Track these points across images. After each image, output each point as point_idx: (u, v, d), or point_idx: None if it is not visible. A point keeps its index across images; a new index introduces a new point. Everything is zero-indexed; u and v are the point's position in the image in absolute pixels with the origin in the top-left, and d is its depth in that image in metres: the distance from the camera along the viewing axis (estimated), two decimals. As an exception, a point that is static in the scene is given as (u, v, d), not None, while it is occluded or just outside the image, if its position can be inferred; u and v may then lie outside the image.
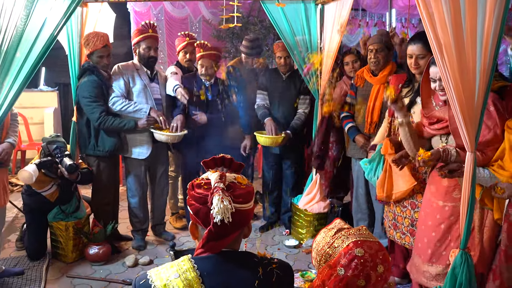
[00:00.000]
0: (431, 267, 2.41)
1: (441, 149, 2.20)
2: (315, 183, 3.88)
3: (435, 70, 2.20)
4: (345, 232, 1.39)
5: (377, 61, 3.28)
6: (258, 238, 4.09)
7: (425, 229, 2.46)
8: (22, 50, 2.11)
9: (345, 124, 3.53)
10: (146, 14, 7.56)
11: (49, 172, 3.34)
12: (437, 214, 2.40)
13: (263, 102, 3.98)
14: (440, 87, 2.23)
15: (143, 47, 3.55)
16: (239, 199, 1.35)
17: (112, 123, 3.43)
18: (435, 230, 2.40)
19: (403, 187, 2.68)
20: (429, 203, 2.46)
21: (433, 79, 2.27)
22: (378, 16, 9.92)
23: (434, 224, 2.41)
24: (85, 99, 3.44)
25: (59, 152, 3.34)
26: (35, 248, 3.45)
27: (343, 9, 3.36)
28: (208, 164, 1.47)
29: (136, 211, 3.80)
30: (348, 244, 1.34)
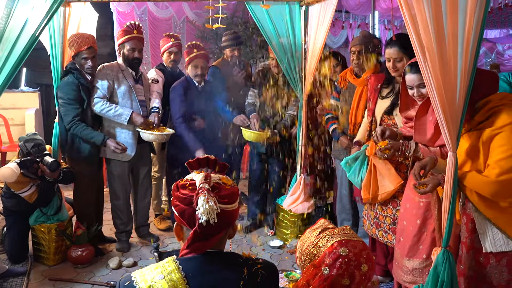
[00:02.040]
0: (408, 261, 2.46)
1: (401, 142, 2.34)
2: (299, 183, 3.89)
3: (411, 77, 2.25)
4: (330, 232, 1.41)
5: (359, 63, 3.31)
6: (242, 238, 4.09)
7: (406, 224, 2.51)
8: (3, 50, 2.07)
9: (329, 125, 3.56)
10: (129, 14, 7.50)
11: (29, 172, 3.28)
12: (413, 210, 2.47)
13: (253, 100, 3.99)
14: (418, 93, 2.28)
15: (127, 48, 3.51)
16: (225, 200, 1.35)
17: (82, 131, 3.36)
18: (412, 225, 2.46)
19: (390, 186, 2.71)
20: (409, 198, 2.52)
21: (410, 87, 2.32)
22: (361, 18, 10.02)
23: (412, 219, 2.47)
24: (61, 99, 3.39)
25: (37, 151, 3.29)
26: (16, 252, 3.39)
27: (327, 10, 3.39)
28: (193, 165, 1.47)
29: (119, 213, 3.76)
30: (332, 244, 1.35)
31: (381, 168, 2.74)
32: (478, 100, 2.02)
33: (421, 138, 2.35)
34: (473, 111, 2.03)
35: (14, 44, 2.12)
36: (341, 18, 9.71)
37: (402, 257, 2.49)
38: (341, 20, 9.66)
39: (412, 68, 2.26)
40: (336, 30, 9.72)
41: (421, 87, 2.27)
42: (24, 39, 2.14)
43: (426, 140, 2.34)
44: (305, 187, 3.90)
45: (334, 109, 3.57)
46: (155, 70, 4.10)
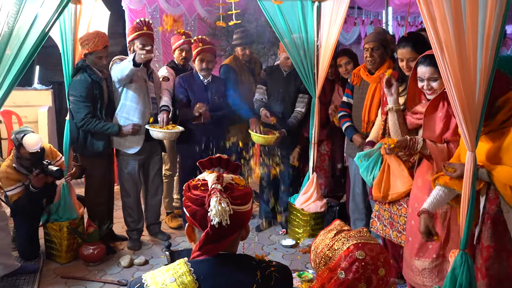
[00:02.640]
0: (418, 261, 2.42)
1: (409, 138, 2.31)
2: (311, 182, 3.85)
3: (423, 69, 2.24)
4: (345, 234, 1.36)
5: (373, 60, 3.25)
6: (254, 237, 4.06)
7: (414, 224, 2.46)
8: (11, 48, 2.05)
9: (342, 123, 3.50)
10: (141, 11, 7.51)
11: (25, 169, 3.33)
12: None
13: (261, 96, 3.95)
14: (428, 86, 2.25)
15: (137, 45, 3.49)
16: (237, 201, 1.31)
17: (95, 126, 3.38)
18: None
19: (401, 188, 2.66)
20: (416, 197, 2.47)
21: (420, 78, 2.30)
22: (374, 14, 9.91)
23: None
24: (73, 97, 3.39)
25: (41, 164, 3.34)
26: (26, 250, 3.40)
27: (340, 6, 3.33)
28: (204, 165, 1.44)
29: (130, 211, 3.76)
30: (348, 247, 1.31)
31: (395, 168, 2.69)
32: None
33: (430, 135, 2.31)
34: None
35: (23, 41, 2.10)
36: (354, 14, 9.61)
37: (411, 257, 2.45)
38: (354, 17, 9.57)
39: (426, 60, 2.22)
40: (349, 27, 9.62)
41: (432, 81, 2.24)
42: (34, 36, 2.11)
43: (434, 136, 2.31)
44: (317, 186, 3.85)
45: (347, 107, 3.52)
46: (166, 68, 4.08)
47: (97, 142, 3.47)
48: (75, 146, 3.52)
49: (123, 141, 3.56)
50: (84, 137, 3.46)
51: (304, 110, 3.95)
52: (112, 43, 3.58)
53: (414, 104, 2.46)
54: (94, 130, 3.40)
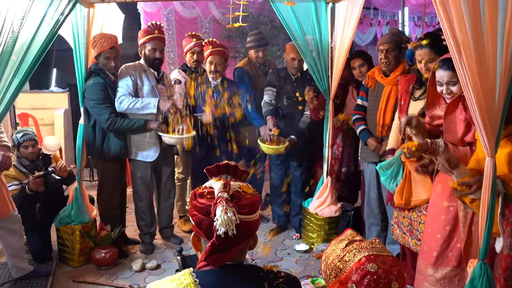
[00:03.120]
0: (436, 270, 2.34)
1: (429, 141, 2.21)
2: (326, 186, 3.78)
3: (441, 73, 2.19)
4: (357, 245, 1.31)
5: (388, 62, 3.18)
6: (268, 242, 4.01)
7: (431, 231, 2.39)
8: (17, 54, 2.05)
9: (356, 126, 3.43)
10: (156, 14, 7.53)
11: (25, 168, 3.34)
12: (442, 215, 2.34)
13: (270, 98, 3.90)
14: (447, 90, 2.20)
15: (148, 48, 3.48)
16: (244, 210, 1.27)
17: (122, 123, 3.40)
18: (440, 232, 2.34)
19: (423, 195, 2.59)
20: (435, 204, 2.39)
21: (439, 83, 2.25)
22: (390, 14, 9.78)
23: (440, 225, 2.34)
24: (92, 101, 3.39)
25: (27, 140, 3.35)
26: (38, 252, 3.39)
27: (354, 7, 3.26)
28: (212, 172, 1.40)
29: (142, 214, 3.75)
30: (360, 259, 1.25)
31: (416, 175, 2.61)
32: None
33: (452, 137, 2.24)
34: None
35: (29, 45, 2.10)
36: (369, 15, 9.50)
37: (427, 266, 2.36)
38: (369, 17, 9.46)
39: (445, 64, 2.16)
40: (364, 28, 9.51)
41: (451, 85, 2.18)
42: (40, 39, 2.11)
43: (457, 139, 2.23)
44: (331, 190, 3.78)
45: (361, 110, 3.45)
46: (178, 70, 4.07)
47: (113, 146, 3.47)
48: (91, 150, 3.52)
49: (140, 151, 3.56)
50: (101, 141, 3.47)
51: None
52: (128, 46, 3.59)
53: (433, 108, 2.39)
54: (121, 128, 3.40)
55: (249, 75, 3.98)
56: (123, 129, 3.43)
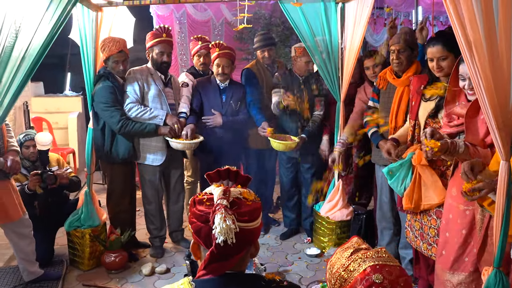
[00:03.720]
0: (452, 275, 2.27)
1: (449, 141, 2.13)
2: (337, 189, 3.72)
3: (465, 68, 2.07)
4: (362, 254, 1.25)
5: (400, 62, 3.10)
6: (279, 246, 3.96)
7: (448, 235, 2.31)
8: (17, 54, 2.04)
9: (368, 129, 3.35)
10: (168, 17, 7.55)
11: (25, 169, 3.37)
12: (458, 219, 2.26)
13: (278, 100, 3.85)
14: (470, 86, 2.12)
15: (156, 51, 3.47)
16: (244, 217, 1.23)
17: (133, 126, 3.38)
18: (456, 236, 2.26)
19: (434, 199, 2.51)
20: (450, 208, 2.31)
21: (462, 77, 2.17)
22: (404, 14, 9.63)
23: (456, 229, 2.26)
24: (102, 104, 3.38)
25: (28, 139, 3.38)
26: (39, 254, 3.31)
27: (364, 7, 3.19)
28: (212, 177, 1.36)
29: (152, 218, 3.73)
30: (365, 269, 1.20)
31: (427, 179, 2.54)
32: None
33: (473, 138, 2.15)
34: None
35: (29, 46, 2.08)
36: (383, 15, 9.36)
37: (444, 271, 2.29)
38: (383, 17, 9.32)
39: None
40: (378, 28, 9.38)
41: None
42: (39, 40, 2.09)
43: (478, 140, 2.14)
44: (343, 193, 3.72)
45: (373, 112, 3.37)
46: (185, 74, 4.06)
47: (122, 149, 3.46)
48: (100, 153, 3.52)
49: (148, 155, 3.54)
50: (110, 145, 3.46)
51: (322, 113, 3.89)
52: (140, 49, 3.58)
53: (453, 104, 2.31)
54: (133, 131, 3.39)
55: (255, 77, 3.93)
56: (135, 132, 3.41)
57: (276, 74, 3.97)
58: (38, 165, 3.45)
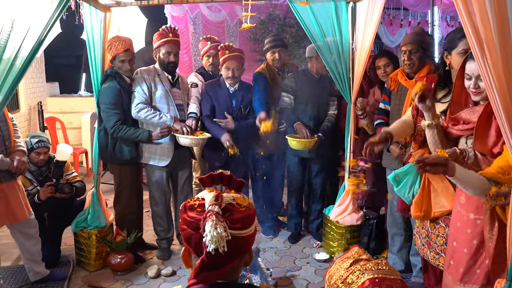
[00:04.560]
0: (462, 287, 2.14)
1: (458, 150, 2.03)
2: (347, 193, 3.63)
3: (472, 66, 1.97)
4: (362, 266, 1.19)
5: (411, 63, 3.00)
6: (287, 249, 3.89)
7: (457, 245, 2.20)
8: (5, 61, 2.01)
9: (379, 132, 3.25)
10: (183, 18, 7.57)
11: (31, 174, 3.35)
12: (468, 228, 2.13)
13: (288, 105, 3.80)
14: (475, 85, 2.00)
15: (163, 52, 3.43)
16: (237, 225, 1.17)
17: (126, 132, 3.35)
18: (467, 247, 2.13)
19: (446, 206, 2.39)
20: (459, 216, 2.19)
21: (468, 76, 2.03)
22: (421, 15, 9.48)
23: (466, 239, 2.14)
24: (104, 105, 3.37)
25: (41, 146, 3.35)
26: (45, 255, 3.29)
27: (375, 6, 3.10)
28: (205, 182, 1.30)
29: (159, 219, 3.70)
30: (363, 282, 1.13)
31: (437, 185, 2.42)
32: None
33: (481, 147, 2.04)
34: None
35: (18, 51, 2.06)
36: (399, 16, 9.22)
37: (454, 283, 2.18)
38: (399, 18, 9.18)
39: None
40: (394, 29, 9.25)
41: (480, 80, 1.97)
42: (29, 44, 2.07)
43: (487, 149, 2.03)
44: (353, 197, 3.63)
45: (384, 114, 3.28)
46: (194, 74, 4.02)
47: (125, 150, 3.43)
48: (104, 154, 3.50)
49: (153, 155, 3.51)
50: (112, 145, 3.43)
51: (336, 113, 3.87)
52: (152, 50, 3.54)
53: (460, 108, 2.19)
54: (125, 137, 3.37)
55: (266, 81, 3.86)
56: (126, 138, 3.38)
57: (290, 74, 3.90)
58: (44, 171, 3.44)
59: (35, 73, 7.24)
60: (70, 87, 8.95)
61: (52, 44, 3.63)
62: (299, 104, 3.82)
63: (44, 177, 3.44)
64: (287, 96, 3.81)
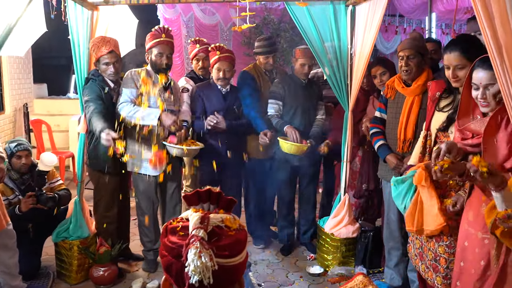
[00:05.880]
0: None
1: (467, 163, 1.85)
2: (343, 204, 3.49)
3: (480, 75, 1.86)
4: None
5: (409, 70, 2.86)
6: (279, 262, 3.73)
7: (464, 265, 2.06)
8: None
9: (374, 141, 3.11)
10: (176, 21, 7.44)
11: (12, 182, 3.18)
12: (475, 248, 2.00)
13: (276, 112, 3.67)
14: (483, 95, 1.88)
15: (155, 53, 3.25)
16: (225, 252, 1.01)
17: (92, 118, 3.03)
18: (474, 267, 1.99)
19: (432, 225, 2.25)
20: (466, 234, 2.05)
21: (475, 86, 1.90)
22: (416, 22, 9.43)
23: (474, 260, 2.00)
24: (86, 102, 3.18)
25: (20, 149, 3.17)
26: (23, 267, 3.10)
27: (376, 9, 2.97)
28: (191, 200, 1.14)
29: (146, 230, 3.51)
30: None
31: (425, 202, 2.27)
32: None
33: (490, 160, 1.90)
34: None
35: None
36: (395, 22, 9.18)
37: None
38: (395, 25, 9.13)
39: (485, 64, 1.82)
40: (389, 36, 9.19)
41: (488, 89, 1.85)
42: None
43: (497, 163, 1.89)
44: (349, 209, 3.49)
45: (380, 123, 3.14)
46: (185, 78, 3.86)
47: (106, 157, 3.19)
48: (87, 159, 3.32)
49: (143, 163, 3.28)
50: (94, 150, 3.25)
51: (324, 117, 3.76)
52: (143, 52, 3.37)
53: (467, 118, 2.06)
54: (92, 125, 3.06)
55: (254, 80, 3.73)
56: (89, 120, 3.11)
57: (276, 80, 3.76)
58: (27, 180, 3.26)
59: (22, 73, 7.03)
60: (59, 88, 8.75)
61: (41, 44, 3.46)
62: (287, 110, 3.69)
63: (26, 186, 3.25)
64: (275, 103, 3.67)
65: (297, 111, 3.66)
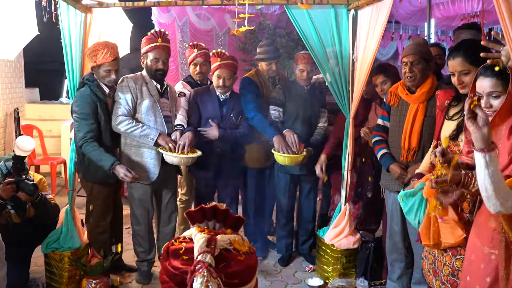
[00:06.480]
0: None
1: (463, 172, 1.84)
2: (343, 214, 3.39)
3: (483, 82, 1.80)
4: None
5: (413, 76, 2.77)
6: (278, 273, 3.61)
7: (469, 280, 1.96)
8: None
9: (377, 150, 3.01)
10: (170, 25, 7.36)
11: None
12: (481, 263, 1.90)
13: (276, 119, 3.58)
14: (487, 104, 1.80)
15: (150, 58, 3.15)
16: (234, 280, 0.91)
17: (92, 151, 2.98)
18: (479, 283, 1.90)
19: (451, 238, 2.16)
20: (474, 248, 1.96)
21: (479, 94, 1.83)
22: (412, 28, 9.42)
23: (479, 275, 1.90)
24: (75, 114, 3.07)
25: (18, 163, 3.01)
26: (10, 280, 2.87)
27: (380, 14, 2.89)
28: (194, 218, 1.04)
29: (140, 239, 3.39)
30: None
31: None
32: None
33: None
34: None
35: None
36: (391, 29, 9.16)
37: None
38: (390, 31, 9.11)
39: (487, 71, 1.76)
40: (385, 42, 9.17)
41: (492, 97, 1.78)
42: None
43: None
44: (350, 219, 3.39)
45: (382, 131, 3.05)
46: (181, 83, 3.75)
47: (99, 168, 3.06)
48: (79, 167, 3.20)
49: (136, 171, 3.11)
50: (85, 160, 3.13)
51: (326, 125, 3.69)
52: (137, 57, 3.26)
53: None
54: (89, 155, 3.02)
55: (255, 85, 3.63)
56: (90, 157, 3.03)
57: (278, 86, 3.67)
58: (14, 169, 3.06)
59: (13, 77, 6.88)
60: (51, 93, 8.59)
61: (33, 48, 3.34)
62: (288, 116, 3.61)
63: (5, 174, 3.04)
64: (275, 109, 3.58)
65: (298, 117, 3.58)
